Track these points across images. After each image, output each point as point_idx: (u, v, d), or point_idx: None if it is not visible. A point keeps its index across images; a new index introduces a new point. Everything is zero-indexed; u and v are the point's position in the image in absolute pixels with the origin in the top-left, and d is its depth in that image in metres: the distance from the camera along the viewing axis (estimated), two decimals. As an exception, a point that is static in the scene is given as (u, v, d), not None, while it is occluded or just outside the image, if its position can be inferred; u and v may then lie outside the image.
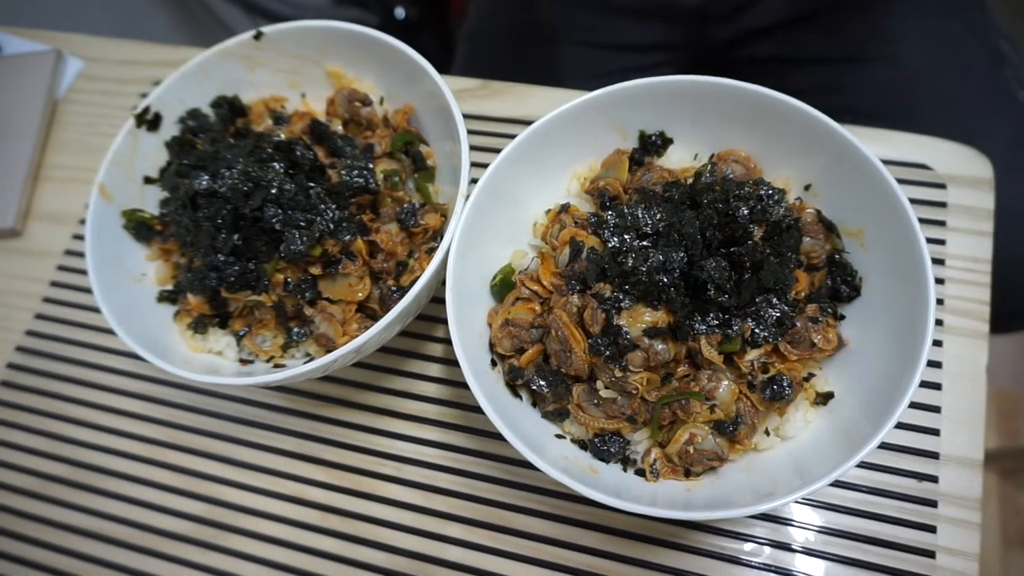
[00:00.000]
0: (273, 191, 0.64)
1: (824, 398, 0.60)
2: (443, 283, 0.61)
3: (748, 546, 0.65)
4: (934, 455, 0.66)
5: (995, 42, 0.97)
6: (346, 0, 1.80)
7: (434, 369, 0.76)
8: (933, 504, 0.64)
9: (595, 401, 0.59)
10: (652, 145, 0.69)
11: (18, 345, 0.85)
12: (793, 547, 0.64)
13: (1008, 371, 1.74)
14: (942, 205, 0.74)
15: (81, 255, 0.68)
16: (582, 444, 0.62)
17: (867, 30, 0.99)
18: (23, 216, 0.93)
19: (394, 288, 0.67)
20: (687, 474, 0.59)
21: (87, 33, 1.05)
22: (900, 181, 0.74)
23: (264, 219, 0.64)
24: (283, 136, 0.72)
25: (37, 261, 0.90)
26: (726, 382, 0.57)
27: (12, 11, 1.22)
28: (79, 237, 0.90)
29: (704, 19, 1.07)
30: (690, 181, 0.64)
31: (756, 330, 0.57)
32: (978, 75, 0.95)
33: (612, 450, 0.60)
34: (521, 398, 0.64)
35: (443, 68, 1.26)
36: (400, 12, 1.80)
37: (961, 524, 0.63)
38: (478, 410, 0.57)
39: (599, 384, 0.58)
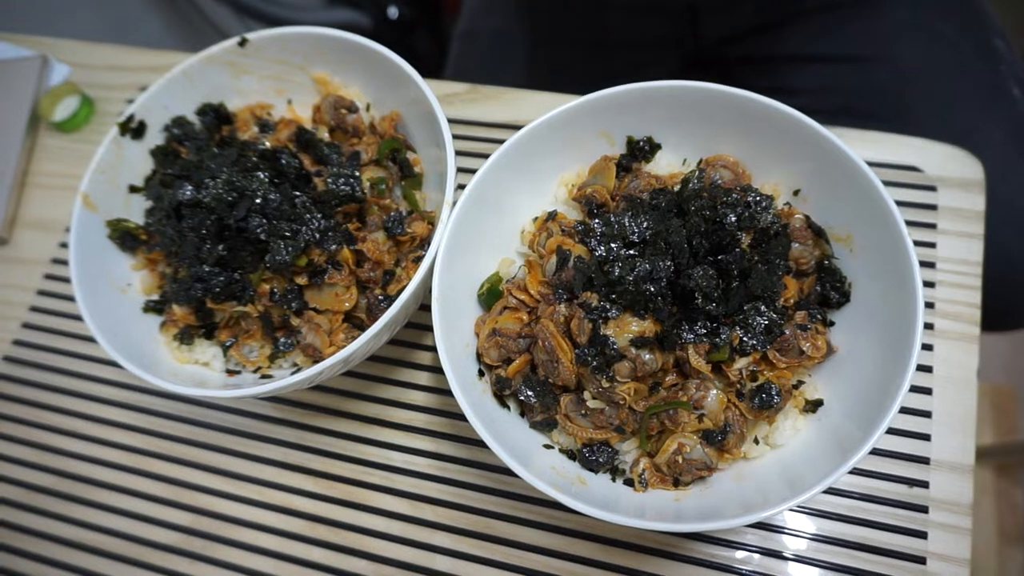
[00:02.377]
0: (258, 201, 0.63)
1: (813, 405, 0.60)
2: (431, 291, 0.61)
3: (739, 554, 0.65)
4: (925, 460, 0.65)
5: (990, 39, 0.96)
6: (339, 0, 1.79)
7: (423, 377, 0.75)
8: (924, 510, 0.64)
9: (583, 411, 0.58)
10: (640, 151, 0.69)
11: (5, 355, 0.85)
12: (784, 554, 0.64)
13: (1004, 366, 1.74)
14: (932, 207, 0.74)
15: (68, 263, 0.67)
16: (571, 454, 0.61)
17: (862, 29, 0.99)
18: (9, 223, 0.92)
19: (381, 297, 0.67)
20: (676, 484, 0.59)
21: (77, 36, 1.04)
22: (890, 184, 0.73)
23: (249, 229, 0.63)
24: (269, 144, 0.71)
25: (24, 269, 0.89)
26: (714, 391, 0.57)
27: (-3, 15, 1.21)
28: (66, 245, 0.89)
29: (696, 15, 1.06)
30: (678, 188, 0.64)
31: (744, 338, 0.56)
32: (973, 73, 0.95)
33: (601, 460, 0.60)
34: (509, 408, 0.64)
35: (437, 68, 1.25)
36: (393, 12, 1.79)
37: (952, 530, 0.63)
38: (467, 419, 0.56)
39: (587, 394, 0.58)
